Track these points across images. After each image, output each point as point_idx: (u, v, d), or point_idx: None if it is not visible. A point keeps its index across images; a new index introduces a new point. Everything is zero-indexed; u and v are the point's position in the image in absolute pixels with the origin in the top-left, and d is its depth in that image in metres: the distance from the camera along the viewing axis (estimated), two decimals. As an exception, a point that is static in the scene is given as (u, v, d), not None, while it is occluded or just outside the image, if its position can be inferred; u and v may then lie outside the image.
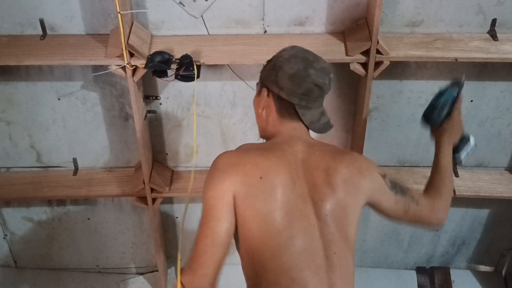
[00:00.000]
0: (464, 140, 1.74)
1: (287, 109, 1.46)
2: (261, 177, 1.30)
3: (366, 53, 2.06)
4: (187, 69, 2.02)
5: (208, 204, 1.30)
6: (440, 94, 1.71)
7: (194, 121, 2.22)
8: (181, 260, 1.43)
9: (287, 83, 1.43)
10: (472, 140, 1.74)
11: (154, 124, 2.44)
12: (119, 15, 1.92)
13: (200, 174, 2.52)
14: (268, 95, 1.47)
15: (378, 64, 2.09)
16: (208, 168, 1.37)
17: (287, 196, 1.31)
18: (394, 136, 2.48)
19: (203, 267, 1.25)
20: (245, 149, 1.43)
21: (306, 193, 1.35)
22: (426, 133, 2.45)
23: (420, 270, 2.95)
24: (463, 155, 1.74)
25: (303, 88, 1.43)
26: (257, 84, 1.57)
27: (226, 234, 1.28)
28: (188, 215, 2.73)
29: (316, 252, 1.30)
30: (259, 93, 1.52)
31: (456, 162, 1.74)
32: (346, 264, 1.34)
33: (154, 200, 2.48)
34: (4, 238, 2.81)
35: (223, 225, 1.28)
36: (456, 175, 2.52)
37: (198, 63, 2.06)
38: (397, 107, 2.39)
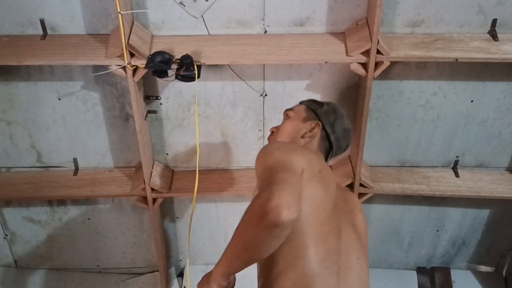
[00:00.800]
0: None
1: (326, 148, 1.69)
2: (320, 171, 1.38)
3: (367, 53, 2.06)
4: (188, 69, 2.02)
5: (280, 160, 1.29)
6: None
7: (196, 122, 2.22)
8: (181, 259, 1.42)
9: (339, 132, 1.70)
10: None
11: (155, 124, 2.45)
12: (119, 15, 1.91)
13: (201, 174, 2.54)
14: (320, 129, 1.67)
15: (378, 64, 2.09)
16: (209, 168, 1.39)
17: (332, 196, 1.40)
18: (395, 136, 2.48)
19: (290, 193, 1.13)
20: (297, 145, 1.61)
21: (338, 201, 1.46)
22: (426, 133, 2.47)
23: (420, 270, 2.94)
24: None
25: (344, 143, 1.73)
26: (289, 110, 1.76)
27: (301, 181, 1.26)
28: (189, 216, 2.74)
29: (340, 254, 1.34)
30: (305, 120, 1.69)
31: None
32: (364, 271, 1.42)
33: (154, 200, 2.48)
34: (4, 238, 2.81)
35: (299, 173, 1.27)
36: (457, 175, 2.53)
37: (198, 63, 2.06)
38: (397, 107, 2.39)
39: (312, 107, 1.74)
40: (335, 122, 1.70)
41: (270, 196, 1.12)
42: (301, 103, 1.82)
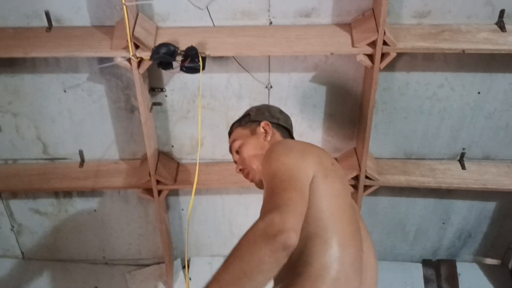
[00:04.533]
0: None
1: (287, 133, 1.74)
2: (332, 164, 1.34)
3: (373, 44, 2.05)
4: (193, 61, 2.02)
5: (287, 169, 1.24)
6: None
7: (199, 113, 2.21)
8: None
9: (280, 116, 1.77)
10: None
11: (160, 116, 2.45)
12: (124, 6, 1.91)
13: (206, 167, 2.54)
14: (269, 125, 1.68)
15: (384, 55, 2.07)
16: (214, 161, 1.37)
17: (348, 187, 1.40)
18: (401, 128, 2.47)
19: (298, 218, 1.13)
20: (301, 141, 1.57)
21: None
22: (433, 125, 2.45)
23: (426, 263, 2.94)
24: None
25: (289, 120, 1.81)
26: (234, 142, 1.72)
27: (307, 198, 1.21)
28: (195, 207, 2.74)
29: (363, 254, 1.30)
30: (253, 132, 1.69)
31: None
32: (376, 271, 1.41)
33: (160, 192, 2.48)
34: (11, 229, 2.83)
35: (306, 188, 1.22)
36: (463, 167, 2.51)
37: (203, 55, 2.06)
38: (403, 99, 2.37)
39: (245, 121, 1.75)
40: (270, 112, 1.76)
41: (281, 218, 1.09)
42: (232, 131, 1.78)
